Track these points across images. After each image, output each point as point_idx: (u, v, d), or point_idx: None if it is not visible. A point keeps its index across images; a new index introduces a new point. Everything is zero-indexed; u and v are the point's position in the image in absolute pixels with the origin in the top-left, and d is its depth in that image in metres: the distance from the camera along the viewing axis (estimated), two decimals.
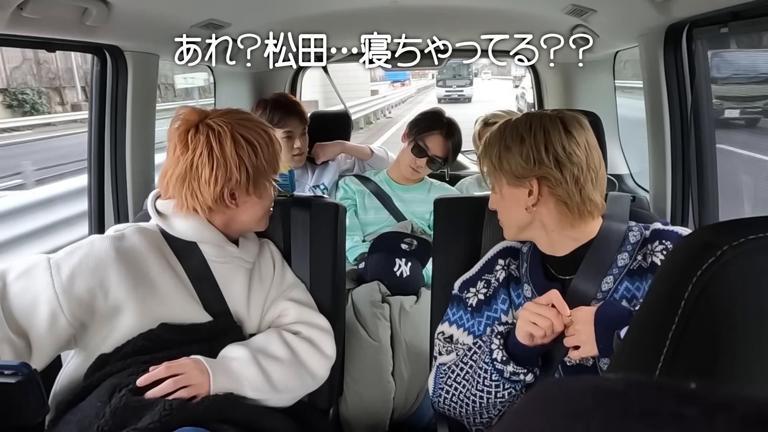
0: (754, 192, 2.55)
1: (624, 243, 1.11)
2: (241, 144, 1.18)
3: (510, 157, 1.10)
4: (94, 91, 1.77)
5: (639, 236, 1.12)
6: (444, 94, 23.72)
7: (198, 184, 1.17)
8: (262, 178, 1.23)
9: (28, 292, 1.07)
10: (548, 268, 1.17)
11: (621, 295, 1.08)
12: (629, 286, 1.09)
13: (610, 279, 1.10)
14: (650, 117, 1.79)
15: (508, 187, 1.13)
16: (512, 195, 1.13)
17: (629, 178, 2.53)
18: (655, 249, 1.09)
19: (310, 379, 1.25)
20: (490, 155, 1.13)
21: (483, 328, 1.21)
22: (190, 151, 1.17)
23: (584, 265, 1.11)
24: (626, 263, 1.10)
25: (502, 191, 1.15)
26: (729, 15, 1.42)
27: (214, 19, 1.81)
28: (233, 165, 1.17)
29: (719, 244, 0.46)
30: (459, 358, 1.18)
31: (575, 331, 1.01)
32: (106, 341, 1.13)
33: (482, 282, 1.24)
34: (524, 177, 1.09)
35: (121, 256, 1.14)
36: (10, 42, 1.36)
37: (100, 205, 1.83)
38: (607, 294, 1.09)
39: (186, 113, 1.19)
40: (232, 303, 1.24)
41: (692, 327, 0.46)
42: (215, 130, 1.17)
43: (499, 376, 1.09)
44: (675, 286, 0.48)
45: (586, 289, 1.10)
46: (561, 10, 1.83)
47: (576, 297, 1.10)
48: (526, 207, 1.11)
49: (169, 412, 0.97)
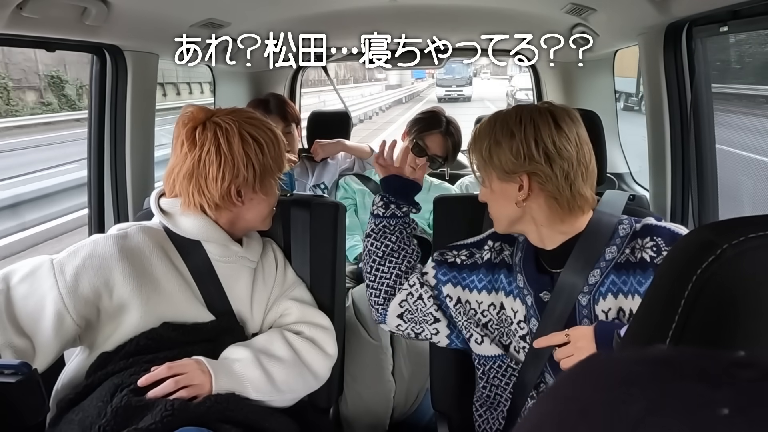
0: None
1: (613, 236, 1.10)
2: (249, 142, 1.18)
3: (500, 151, 1.09)
4: (93, 91, 1.77)
5: (629, 229, 1.11)
6: (444, 94, 24.45)
7: (205, 181, 1.17)
8: (269, 176, 1.24)
9: (33, 295, 1.07)
10: (540, 261, 1.17)
11: (607, 289, 1.08)
12: (615, 280, 1.08)
13: (597, 272, 1.09)
14: (650, 116, 1.79)
15: (498, 182, 1.12)
16: (502, 189, 1.12)
17: (629, 176, 2.53)
18: (645, 245, 1.07)
19: (312, 379, 1.25)
20: (480, 149, 1.13)
21: (446, 280, 1.25)
22: (198, 148, 1.17)
23: (572, 258, 1.11)
24: (614, 256, 1.09)
25: (492, 185, 1.14)
26: (728, 14, 1.42)
27: (213, 19, 1.81)
28: (241, 162, 1.17)
29: (719, 243, 0.46)
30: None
31: (576, 349, 1.01)
32: (109, 340, 1.13)
33: (466, 251, 1.27)
34: (514, 172, 1.08)
35: (124, 255, 1.14)
36: (10, 42, 1.36)
37: (100, 205, 1.83)
38: (594, 287, 1.08)
39: (193, 111, 1.19)
40: (235, 303, 1.25)
41: (692, 325, 0.47)
42: (223, 128, 1.17)
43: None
44: (675, 284, 0.48)
45: (573, 282, 1.09)
46: (561, 9, 1.83)
47: (564, 290, 1.10)
48: (516, 202, 1.11)
49: (171, 412, 0.97)
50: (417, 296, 1.25)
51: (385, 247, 1.31)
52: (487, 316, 1.20)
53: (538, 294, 1.14)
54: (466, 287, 1.23)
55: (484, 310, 1.21)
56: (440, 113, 2.21)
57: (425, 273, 1.28)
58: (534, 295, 1.14)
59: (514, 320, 1.17)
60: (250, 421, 1.08)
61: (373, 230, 1.33)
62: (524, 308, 1.16)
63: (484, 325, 1.21)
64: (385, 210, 1.33)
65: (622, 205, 1.18)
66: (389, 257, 1.30)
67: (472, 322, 1.22)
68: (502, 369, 1.20)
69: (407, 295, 1.26)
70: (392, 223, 1.32)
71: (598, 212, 1.14)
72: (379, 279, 1.30)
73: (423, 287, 1.26)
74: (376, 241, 1.32)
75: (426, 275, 1.27)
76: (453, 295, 1.23)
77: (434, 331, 1.26)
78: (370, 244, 1.33)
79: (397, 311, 1.27)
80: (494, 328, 1.20)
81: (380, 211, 1.33)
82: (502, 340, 1.20)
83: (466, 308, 1.22)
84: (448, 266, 1.26)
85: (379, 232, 1.32)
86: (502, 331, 1.19)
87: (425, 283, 1.26)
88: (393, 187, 1.35)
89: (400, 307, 1.26)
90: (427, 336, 1.27)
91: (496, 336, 1.20)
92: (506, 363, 1.19)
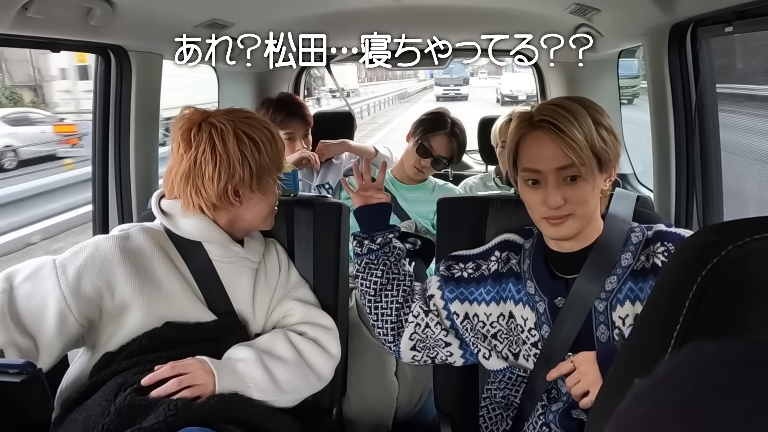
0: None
1: (627, 243, 1.11)
2: (244, 141, 1.18)
3: (607, 135, 1.07)
4: (98, 91, 1.78)
5: (641, 236, 1.11)
6: (442, 93, 25.17)
7: (202, 182, 1.18)
8: (266, 175, 1.24)
9: (35, 294, 1.08)
10: (550, 267, 1.16)
11: (624, 296, 1.08)
12: (633, 287, 1.08)
13: (614, 279, 1.09)
14: (654, 116, 1.79)
15: (599, 175, 1.08)
16: (600, 182, 1.09)
17: (633, 177, 2.52)
18: (657, 250, 1.07)
19: (316, 380, 1.25)
20: (591, 139, 1.05)
21: (452, 297, 1.23)
22: (194, 148, 1.17)
23: (588, 263, 1.10)
24: (630, 263, 1.09)
25: (595, 180, 1.08)
26: (733, 14, 1.41)
27: (217, 19, 1.81)
28: (236, 161, 1.17)
29: (724, 244, 0.46)
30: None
31: (581, 374, 1.00)
32: (112, 340, 1.14)
33: (472, 263, 1.25)
34: (610, 165, 1.09)
35: (126, 256, 1.15)
36: (15, 42, 1.36)
37: (104, 206, 1.83)
38: (611, 294, 1.08)
39: (189, 113, 1.20)
40: (237, 303, 1.25)
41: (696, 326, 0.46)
42: (218, 128, 1.18)
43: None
44: (679, 285, 0.48)
45: (589, 288, 1.09)
46: (565, 9, 1.83)
47: (579, 296, 1.09)
48: (601, 191, 1.11)
49: (174, 412, 0.97)
50: (424, 326, 1.24)
51: (374, 283, 1.28)
52: (496, 327, 1.19)
53: (553, 300, 1.13)
54: (474, 301, 1.22)
55: (493, 322, 1.19)
56: (445, 114, 2.20)
57: (431, 296, 1.26)
58: (548, 302, 1.13)
59: (525, 328, 1.16)
60: (253, 421, 1.08)
61: (358, 270, 1.31)
62: (534, 315, 1.14)
63: (493, 336, 1.19)
64: (361, 248, 1.31)
65: (631, 211, 1.18)
66: (383, 292, 1.28)
67: (479, 336, 1.20)
68: (513, 379, 1.19)
69: (415, 327, 1.25)
70: (372, 258, 1.30)
71: (610, 218, 1.14)
72: (381, 316, 1.28)
73: (428, 315, 1.24)
74: (364, 280, 1.30)
75: (433, 298, 1.25)
76: (460, 312, 1.22)
77: (448, 353, 1.25)
78: (360, 284, 1.31)
79: (409, 345, 1.26)
80: (503, 338, 1.19)
81: (357, 250, 1.32)
82: (511, 350, 1.18)
83: (474, 323, 1.21)
84: (454, 282, 1.24)
85: (364, 270, 1.30)
86: (511, 340, 1.18)
87: (430, 311, 1.24)
88: (362, 220, 1.34)
89: (411, 340, 1.25)
90: (442, 359, 1.26)
91: (505, 346, 1.19)
92: (516, 373, 1.18)
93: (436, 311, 1.24)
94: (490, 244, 1.27)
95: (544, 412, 1.12)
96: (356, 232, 1.34)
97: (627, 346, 0.59)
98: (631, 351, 0.57)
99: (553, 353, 1.11)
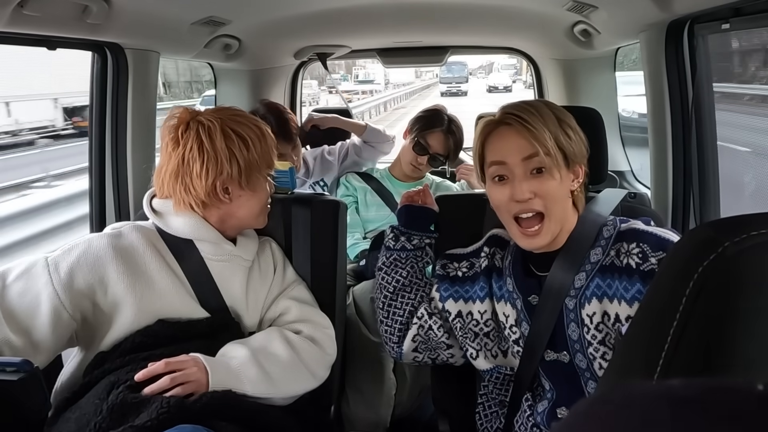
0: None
1: (598, 238, 1.09)
2: (232, 138, 1.19)
3: (572, 133, 1.08)
4: (94, 89, 1.77)
5: (613, 230, 1.09)
6: (446, 89, 29.97)
7: (190, 179, 1.18)
8: (255, 172, 1.24)
9: (28, 292, 1.08)
10: (528, 264, 1.16)
11: (592, 292, 1.05)
12: (600, 283, 1.05)
13: (582, 275, 1.07)
14: (651, 113, 1.79)
15: (565, 170, 1.08)
16: (567, 180, 1.09)
17: (630, 174, 2.53)
18: (632, 251, 1.03)
19: (311, 378, 1.25)
20: (556, 134, 1.06)
21: (447, 296, 1.23)
22: (181, 146, 1.18)
23: (558, 260, 1.10)
24: (599, 259, 1.07)
25: (561, 175, 1.08)
26: (730, 11, 1.41)
27: (214, 17, 1.80)
28: (224, 158, 1.18)
29: (721, 240, 0.46)
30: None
31: None
32: (105, 338, 1.14)
33: (467, 262, 1.26)
34: (575, 162, 1.09)
35: (118, 253, 1.16)
36: (10, 39, 1.35)
37: (102, 204, 1.82)
38: (580, 291, 1.06)
39: (178, 112, 1.21)
40: (230, 300, 1.25)
41: (694, 322, 0.46)
42: (205, 125, 1.18)
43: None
44: (676, 281, 0.48)
45: (560, 284, 1.08)
46: (562, 7, 1.82)
47: (551, 293, 1.09)
48: (571, 191, 1.10)
49: (167, 409, 0.96)
50: (427, 327, 1.25)
51: (396, 282, 1.28)
52: (489, 325, 1.19)
53: (527, 298, 1.13)
54: (469, 299, 1.22)
55: (487, 320, 1.20)
56: (442, 111, 2.20)
57: (432, 298, 1.26)
58: (523, 299, 1.13)
59: (506, 325, 1.17)
60: (247, 418, 1.08)
61: (384, 263, 1.30)
62: (515, 312, 1.15)
63: (485, 335, 1.19)
64: (395, 242, 1.31)
65: (612, 205, 1.16)
66: (401, 292, 1.28)
67: (468, 335, 1.21)
68: (500, 378, 1.20)
69: (418, 329, 1.25)
70: (402, 256, 1.30)
71: (585, 213, 1.13)
72: (392, 316, 1.27)
73: (432, 318, 1.24)
74: (387, 275, 1.29)
75: (433, 300, 1.26)
76: (453, 310, 1.23)
77: (449, 355, 1.26)
78: (381, 278, 1.30)
79: (411, 347, 1.26)
80: (494, 336, 1.19)
81: (390, 243, 1.31)
82: (501, 347, 1.19)
83: (466, 321, 1.21)
84: (449, 281, 1.25)
85: (390, 265, 1.29)
86: (500, 337, 1.19)
87: (433, 313, 1.25)
88: (404, 217, 1.33)
89: (413, 342, 1.26)
90: (444, 360, 1.27)
91: (495, 344, 1.19)
92: (503, 372, 1.19)
93: (438, 313, 1.24)
94: (482, 241, 1.27)
95: (532, 413, 1.12)
96: (395, 225, 1.34)
97: (625, 343, 0.59)
98: (629, 347, 0.57)
99: (533, 350, 1.11)
